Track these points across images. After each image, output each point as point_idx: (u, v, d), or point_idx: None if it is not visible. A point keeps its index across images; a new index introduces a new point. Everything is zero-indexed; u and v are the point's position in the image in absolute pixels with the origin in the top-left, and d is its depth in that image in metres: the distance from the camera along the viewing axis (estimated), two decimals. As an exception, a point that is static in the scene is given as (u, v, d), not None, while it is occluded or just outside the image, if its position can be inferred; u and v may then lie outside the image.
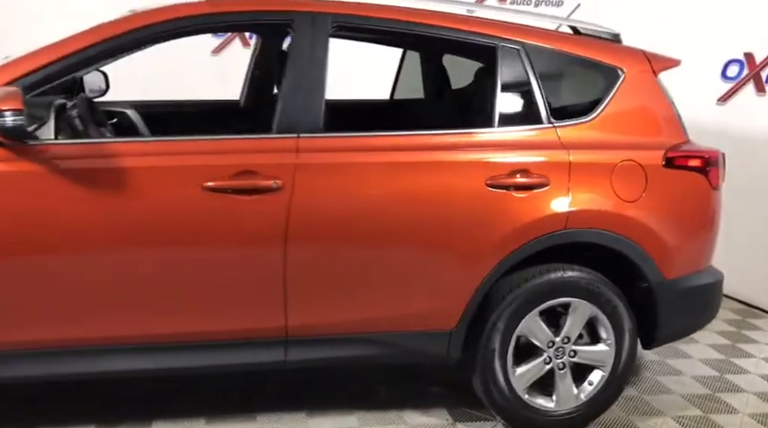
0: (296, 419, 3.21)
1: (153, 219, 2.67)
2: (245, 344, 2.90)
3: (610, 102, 3.21)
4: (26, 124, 2.42)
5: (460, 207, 2.96)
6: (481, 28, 3.13)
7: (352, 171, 2.87)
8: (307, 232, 2.80)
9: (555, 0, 6.33)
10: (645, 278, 3.21)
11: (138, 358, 2.79)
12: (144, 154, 2.69)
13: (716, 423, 3.51)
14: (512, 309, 3.08)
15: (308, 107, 2.83)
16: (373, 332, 3.00)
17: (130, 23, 2.74)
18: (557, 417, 3.25)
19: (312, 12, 2.91)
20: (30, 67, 2.63)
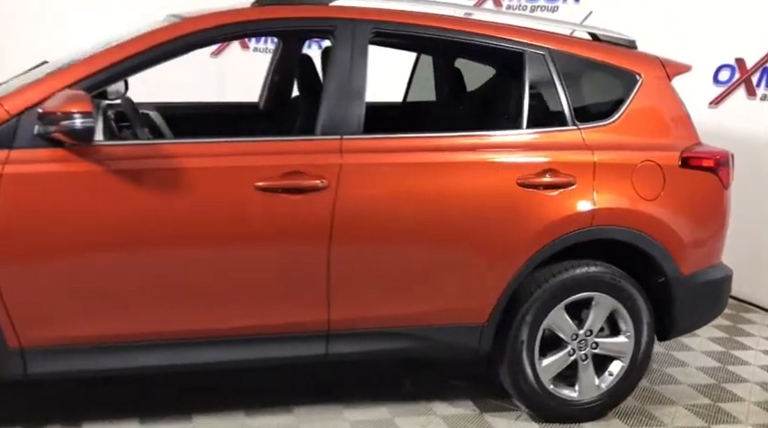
0: (331, 410, 3.32)
1: (209, 219, 2.76)
2: (289, 338, 2.99)
3: (629, 105, 3.37)
4: (95, 126, 2.49)
5: (494, 205, 3.09)
6: (510, 34, 3.27)
7: (392, 171, 2.98)
8: (350, 229, 2.91)
9: (551, 6, 6.51)
10: (663, 273, 3.37)
11: (191, 352, 2.88)
12: (200, 154, 2.77)
13: (724, 410, 3.69)
14: (539, 303, 3.22)
15: (350, 110, 2.94)
16: (409, 326, 3.12)
17: (183, 28, 2.83)
18: (579, 406, 3.40)
19: (353, 18, 3.02)
20: (88, 71, 2.70)
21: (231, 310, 2.89)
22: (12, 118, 2.59)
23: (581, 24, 3.66)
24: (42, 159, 2.59)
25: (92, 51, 2.86)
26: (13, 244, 2.58)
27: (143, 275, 2.74)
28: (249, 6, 3.01)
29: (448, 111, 3.78)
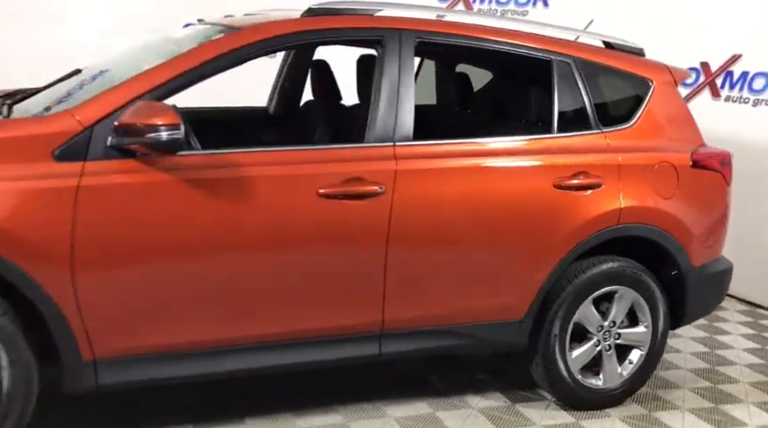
0: (374, 409, 3.42)
1: (275, 226, 2.82)
2: (346, 340, 3.08)
3: (644, 109, 3.60)
4: (183, 138, 2.52)
5: (533, 207, 3.26)
6: (540, 43, 3.44)
7: (441, 176, 3.11)
8: (405, 233, 3.02)
9: (520, 10, 6.74)
10: (677, 266, 3.61)
11: (255, 357, 2.93)
12: (266, 163, 2.83)
13: (725, 391, 3.98)
14: (571, 298, 3.41)
15: (400, 117, 3.05)
16: (455, 324, 3.26)
17: (245, 38, 2.87)
18: (605, 394, 3.61)
19: (399, 29, 3.13)
20: (155, 82, 2.71)
21: (294, 314, 2.96)
22: (84, 130, 2.59)
23: (584, 31, 3.84)
24: (116, 170, 2.60)
25: (128, 59, 2.88)
26: (91, 255, 2.57)
27: (213, 283, 2.78)
28: (300, 17, 3.07)
29: (484, 116, 3.89)
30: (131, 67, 3.00)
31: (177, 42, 3.24)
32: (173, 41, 3.31)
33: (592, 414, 3.59)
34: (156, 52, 3.31)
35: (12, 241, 2.45)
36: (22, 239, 2.47)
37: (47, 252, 2.51)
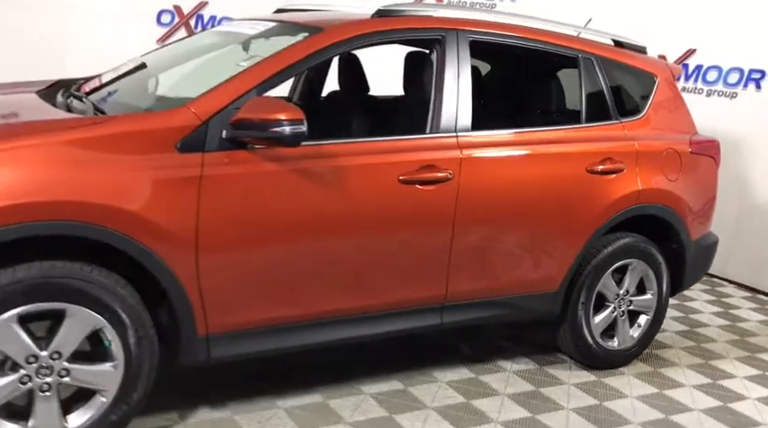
0: (426, 374, 3.76)
1: (366, 210, 3.10)
2: (414, 312, 3.41)
3: (652, 102, 4.06)
4: (306, 131, 2.77)
5: (570, 189, 3.66)
6: (567, 42, 3.83)
7: (496, 162, 3.47)
8: (468, 214, 3.36)
9: (489, 3, 7.14)
10: (679, 240, 4.10)
11: (343, 329, 3.22)
12: (357, 153, 3.10)
13: (709, 349, 4.55)
14: (595, 270, 3.84)
15: (461, 109, 3.38)
16: (504, 295, 3.64)
17: (330, 38, 3.13)
18: (619, 354, 4.07)
19: (457, 29, 3.45)
20: (260, 78, 2.94)
21: (376, 290, 3.25)
22: (202, 124, 2.80)
23: (584, 27, 4.22)
24: (232, 161, 2.82)
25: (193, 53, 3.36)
26: (212, 239, 2.79)
27: (314, 262, 3.04)
28: (371, 18, 3.34)
29: (523, 108, 4.22)
30: (203, 63, 3.25)
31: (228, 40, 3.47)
32: (230, 38, 3.53)
33: (609, 373, 4.04)
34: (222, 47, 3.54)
35: (143, 225, 2.64)
36: (153, 224, 2.67)
37: (174, 235, 2.71)
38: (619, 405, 3.69)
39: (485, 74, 3.93)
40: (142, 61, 3.61)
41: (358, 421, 3.27)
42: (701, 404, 3.79)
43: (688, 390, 3.94)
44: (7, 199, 2.41)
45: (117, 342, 2.70)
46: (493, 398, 3.60)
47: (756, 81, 5.83)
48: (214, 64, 3.53)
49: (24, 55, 6.32)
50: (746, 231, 5.82)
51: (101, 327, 2.67)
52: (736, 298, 5.67)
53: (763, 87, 5.81)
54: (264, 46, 3.38)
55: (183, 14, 7.04)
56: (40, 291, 2.53)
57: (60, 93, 3.35)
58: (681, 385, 3.99)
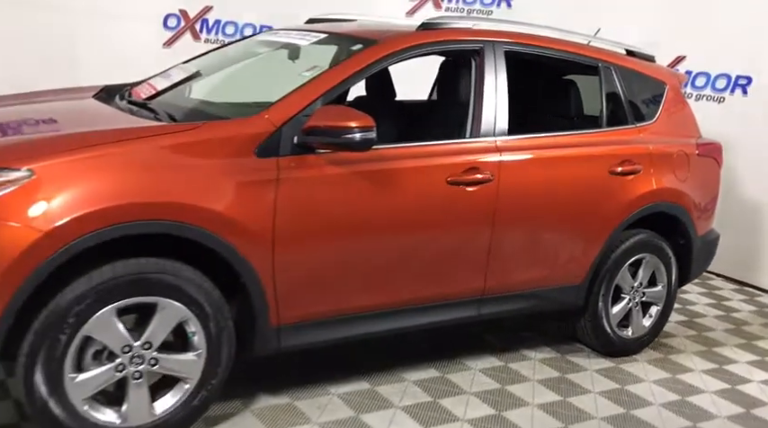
0: (462, 364, 4.02)
1: (420, 209, 3.36)
2: (455, 304, 3.67)
3: (662, 108, 4.37)
4: (375, 137, 3.01)
5: (595, 189, 3.95)
6: (588, 52, 4.12)
7: (531, 164, 3.74)
8: (506, 213, 3.63)
9: (485, 10, 7.42)
10: (687, 236, 4.42)
11: (398, 319, 3.47)
12: (412, 156, 3.35)
13: (710, 337, 4.88)
14: (614, 264, 4.14)
15: (499, 115, 3.65)
16: (535, 288, 3.91)
17: (386, 49, 3.36)
18: (633, 342, 4.38)
19: (494, 40, 3.72)
20: (325, 87, 3.17)
21: (426, 282, 3.51)
22: (276, 130, 3.02)
23: (594, 36, 4.51)
24: (304, 165, 3.04)
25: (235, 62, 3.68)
26: (286, 236, 3.02)
27: (374, 257, 3.28)
28: (417, 30, 3.59)
29: (551, 113, 4.45)
30: (260, 71, 3.48)
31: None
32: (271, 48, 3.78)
33: (624, 360, 4.35)
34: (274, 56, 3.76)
35: (229, 225, 2.86)
36: (237, 223, 2.88)
37: (254, 233, 2.94)
38: (639, 388, 3.99)
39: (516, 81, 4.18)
40: (196, 69, 3.80)
41: (407, 405, 3.51)
42: (711, 386, 4.11)
43: (698, 375, 4.26)
44: (115, 199, 2.61)
45: (200, 333, 2.91)
46: (525, 384, 3.88)
47: (743, 87, 6.20)
48: (272, 72, 3.74)
49: (35, 57, 6.44)
50: (733, 227, 6.16)
51: (186, 319, 2.87)
52: (725, 290, 6.03)
53: (749, 92, 6.17)
54: (320, 56, 3.59)
55: (189, 18, 7.22)
56: (136, 286, 2.73)
57: (119, 98, 3.53)
58: (691, 370, 4.31)
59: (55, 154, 2.62)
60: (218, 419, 3.20)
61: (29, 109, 3.48)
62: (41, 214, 2.51)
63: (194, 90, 3.74)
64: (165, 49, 7.28)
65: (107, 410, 2.81)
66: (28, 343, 2.60)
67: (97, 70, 6.66)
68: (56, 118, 3.23)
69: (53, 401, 2.66)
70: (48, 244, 2.51)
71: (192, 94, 3.72)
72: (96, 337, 2.71)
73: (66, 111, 3.44)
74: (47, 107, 3.53)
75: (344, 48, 3.59)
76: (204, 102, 3.60)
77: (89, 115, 3.31)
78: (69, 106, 3.53)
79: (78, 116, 3.32)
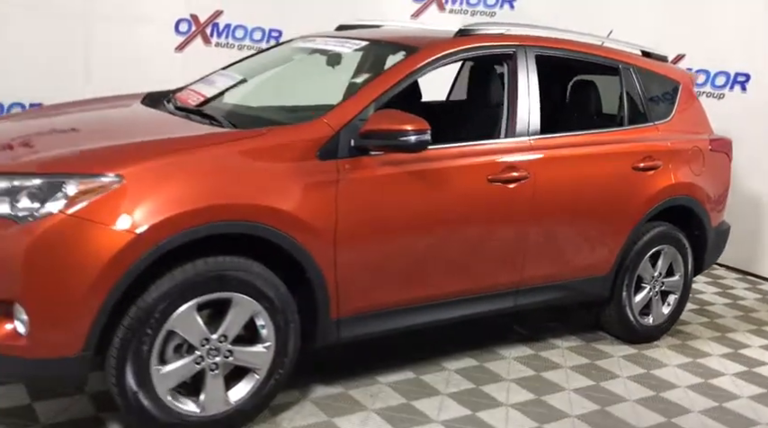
0: (495, 352, 4.23)
1: (465, 206, 3.56)
2: (493, 296, 3.88)
3: (677, 106, 4.61)
4: (430, 139, 3.21)
5: (621, 184, 4.18)
6: (610, 54, 4.35)
7: (562, 161, 3.95)
8: (541, 208, 3.84)
9: (489, 11, 7.64)
10: (702, 227, 4.66)
11: (445, 311, 3.67)
12: (456, 156, 3.55)
13: (720, 324, 5.13)
14: (636, 255, 4.37)
15: (531, 116, 3.87)
16: (567, 280, 4.13)
17: (429, 54, 3.56)
18: (653, 329, 4.62)
19: (525, 45, 3.94)
20: (377, 92, 3.36)
21: (470, 276, 3.71)
22: (335, 134, 3.21)
23: (607, 37, 4.73)
24: (361, 166, 3.23)
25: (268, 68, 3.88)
26: (347, 234, 3.21)
27: (423, 253, 3.48)
28: (455, 37, 3.79)
29: (575, 113, 4.67)
30: (307, 77, 3.67)
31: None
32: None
33: (646, 346, 4.58)
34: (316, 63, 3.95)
35: (297, 224, 3.04)
36: (304, 222, 3.07)
37: (319, 232, 3.12)
38: (664, 372, 4.22)
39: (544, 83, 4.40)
40: (240, 75, 3.97)
41: (453, 392, 3.72)
42: (730, 369, 4.36)
43: (716, 359, 4.50)
44: (200, 201, 2.79)
45: (269, 325, 3.09)
46: (558, 371, 4.10)
47: (742, 83, 6.47)
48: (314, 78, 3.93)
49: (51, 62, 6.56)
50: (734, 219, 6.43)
51: (257, 313, 3.05)
52: (729, 279, 6.30)
53: (748, 89, 6.44)
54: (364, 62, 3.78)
55: (200, 23, 7.36)
56: (215, 283, 2.91)
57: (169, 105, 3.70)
58: (708, 354, 4.56)
59: (142, 160, 2.79)
60: (282, 408, 3.37)
61: (84, 117, 3.65)
62: (133, 217, 2.68)
63: (241, 96, 3.90)
64: (177, 54, 7.42)
65: (187, 400, 2.98)
66: (118, 338, 2.76)
67: (112, 75, 6.80)
68: (121, 125, 3.41)
69: (142, 392, 2.82)
70: (139, 244, 2.68)
71: (241, 100, 3.88)
72: (178, 332, 2.87)
73: (125, 118, 3.61)
74: (103, 115, 3.69)
75: (386, 54, 3.77)
76: (258, 108, 3.78)
77: (152, 122, 3.47)
78: (126, 113, 3.69)
79: (142, 123, 3.48)
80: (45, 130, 3.42)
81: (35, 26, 6.41)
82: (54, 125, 3.48)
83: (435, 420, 3.42)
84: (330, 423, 3.31)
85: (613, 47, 4.45)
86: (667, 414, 3.71)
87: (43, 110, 3.82)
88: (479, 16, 7.57)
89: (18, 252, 2.61)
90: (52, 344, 2.66)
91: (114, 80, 6.74)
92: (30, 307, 2.62)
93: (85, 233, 2.64)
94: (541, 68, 3.96)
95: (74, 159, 2.79)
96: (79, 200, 2.65)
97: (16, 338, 2.67)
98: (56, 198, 2.67)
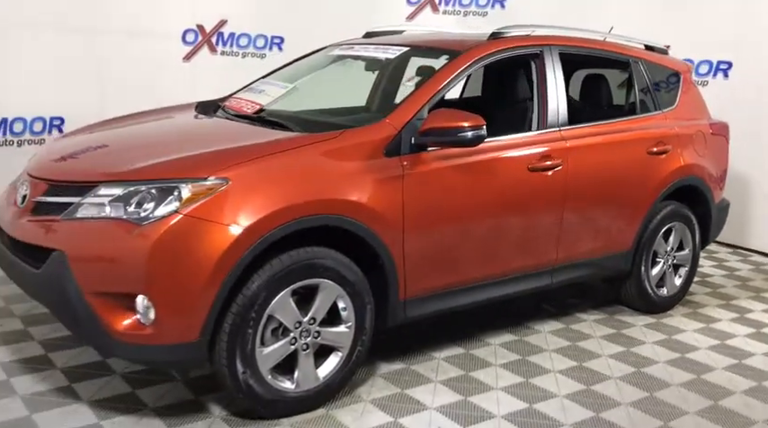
0: (531, 328, 4.62)
1: (509, 192, 3.93)
2: (532, 275, 4.26)
3: (680, 95, 5.04)
4: (485, 134, 3.57)
5: (639, 168, 4.59)
6: (620, 49, 4.77)
7: (589, 149, 4.34)
8: (574, 192, 4.22)
9: (481, 11, 8.04)
10: (707, 204, 5.11)
11: (495, 289, 4.04)
12: (500, 148, 3.91)
13: (725, 293, 5.58)
14: (653, 232, 4.79)
15: (560, 109, 4.26)
16: (595, 257, 4.53)
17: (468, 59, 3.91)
18: (668, 299, 5.05)
19: (550, 44, 4.33)
20: (430, 94, 3.72)
21: (515, 256, 4.09)
22: (398, 133, 3.56)
23: (609, 33, 5.13)
24: (419, 161, 3.58)
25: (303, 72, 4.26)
26: (413, 223, 3.56)
27: (477, 237, 3.84)
28: (488, 40, 4.16)
29: (586, 104, 5.02)
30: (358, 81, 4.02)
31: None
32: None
33: (662, 316, 5.01)
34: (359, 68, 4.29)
35: (373, 216, 3.39)
36: (378, 214, 3.41)
37: (390, 222, 3.46)
38: (684, 337, 4.65)
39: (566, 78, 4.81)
40: (287, 82, 4.29)
41: (503, 363, 4.09)
42: (740, 332, 4.80)
43: (726, 323, 4.95)
44: (296, 198, 3.13)
45: (350, 307, 3.43)
46: (591, 340, 4.50)
47: (724, 71, 6.95)
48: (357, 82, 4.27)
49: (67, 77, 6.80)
50: (724, 197, 6.95)
51: (339, 296, 3.39)
52: (722, 253, 6.78)
53: (730, 76, 6.92)
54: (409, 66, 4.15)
55: (206, 33, 7.65)
56: (305, 271, 3.24)
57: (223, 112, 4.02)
58: (719, 320, 5.00)
59: (243, 163, 3.11)
60: (356, 384, 3.71)
61: (158, 127, 3.96)
62: (240, 213, 3.01)
63: (296, 102, 4.22)
64: (185, 63, 7.70)
65: (284, 379, 3.31)
66: (228, 324, 3.08)
67: (126, 86, 7.07)
68: (201, 133, 3.74)
69: (248, 373, 3.15)
70: (248, 238, 3.00)
71: (297, 106, 4.21)
72: (277, 316, 3.20)
73: (200, 127, 3.93)
74: (174, 124, 4.01)
75: (431, 59, 4.13)
76: (317, 112, 4.11)
77: (227, 130, 3.78)
78: (197, 123, 4.00)
79: (220, 131, 3.79)
80: (127, 141, 3.71)
81: (50, 43, 6.64)
82: (133, 136, 3.78)
83: (495, 387, 3.79)
84: (404, 394, 3.65)
85: (620, 42, 4.84)
86: (696, 372, 4.13)
87: (107, 123, 4.10)
88: (472, 16, 7.96)
89: (142, 250, 2.91)
90: (176, 331, 2.98)
91: (128, 91, 7.03)
92: (156, 298, 2.92)
93: (201, 230, 2.95)
94: (565, 65, 4.32)
95: (184, 165, 3.10)
96: (193, 202, 2.97)
97: (141, 328, 2.98)
98: (170, 200, 2.98)
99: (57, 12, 6.57)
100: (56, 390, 3.48)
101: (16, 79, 6.43)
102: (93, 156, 3.43)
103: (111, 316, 2.96)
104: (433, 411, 3.50)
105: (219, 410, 3.38)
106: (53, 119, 6.79)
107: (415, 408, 3.51)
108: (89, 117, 6.63)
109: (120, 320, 2.97)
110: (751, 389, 3.95)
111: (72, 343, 3.97)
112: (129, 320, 2.99)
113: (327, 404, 3.48)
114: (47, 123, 6.76)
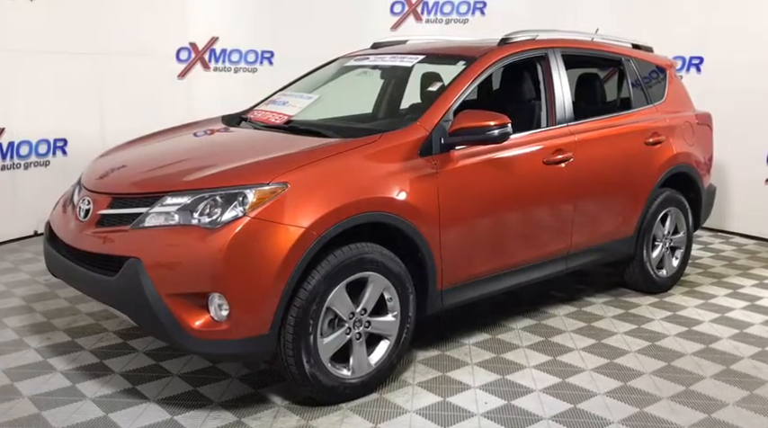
0: (548, 313, 4.95)
1: (528, 185, 4.24)
2: (549, 261, 4.58)
3: (668, 89, 5.43)
4: (511, 131, 3.88)
5: (639, 158, 4.94)
6: (614, 50, 5.13)
7: (595, 142, 4.67)
8: (584, 183, 4.55)
9: (462, 18, 8.38)
10: (697, 189, 5.49)
11: (521, 276, 4.34)
12: (520, 144, 4.22)
13: (719, 273, 5.97)
14: (652, 217, 5.15)
15: (566, 105, 4.60)
16: (604, 242, 4.87)
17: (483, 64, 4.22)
18: (666, 280, 5.41)
19: (554, 47, 4.67)
20: (454, 95, 4.01)
21: (536, 245, 4.39)
22: (429, 134, 3.85)
23: (596, 33, 5.50)
24: (449, 159, 3.87)
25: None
26: (448, 217, 3.84)
27: (507, 226, 4.14)
28: (499, 45, 4.48)
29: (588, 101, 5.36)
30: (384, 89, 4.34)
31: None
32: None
33: (663, 295, 5.36)
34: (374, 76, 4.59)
35: (413, 212, 3.67)
36: (417, 210, 3.69)
37: (428, 217, 3.74)
38: (687, 312, 5.01)
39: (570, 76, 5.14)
40: (310, 93, 4.56)
41: (529, 344, 4.40)
42: (737, 305, 5.18)
43: (723, 298, 5.32)
44: (349, 197, 3.40)
45: (395, 298, 3.70)
46: (604, 320, 4.83)
47: (696, 65, 7.38)
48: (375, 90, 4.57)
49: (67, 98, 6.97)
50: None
51: (386, 288, 3.66)
52: (705, 237, 7.19)
53: (702, 70, 7.35)
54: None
55: (199, 50, 7.87)
56: (357, 265, 3.50)
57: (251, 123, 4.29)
58: (715, 296, 5.38)
59: (299, 168, 3.37)
60: (400, 370, 3.98)
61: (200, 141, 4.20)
62: (301, 214, 3.27)
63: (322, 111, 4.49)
64: (181, 80, 7.91)
65: (341, 366, 3.57)
66: (293, 317, 3.33)
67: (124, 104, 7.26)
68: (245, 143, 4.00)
69: (312, 362, 3.40)
70: (309, 236, 3.26)
71: (325, 114, 4.48)
72: (333, 308, 3.46)
73: (239, 137, 4.17)
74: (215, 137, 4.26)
75: (449, 65, 4.43)
76: (343, 119, 4.39)
77: (266, 139, 4.02)
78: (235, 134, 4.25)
79: (260, 141, 4.03)
80: (175, 155, 3.93)
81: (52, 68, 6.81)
82: (179, 150, 4.01)
83: (527, 366, 4.09)
84: (446, 376, 3.93)
85: (611, 42, 5.21)
86: (704, 342, 4.48)
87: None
88: (453, 24, 8.29)
89: (217, 252, 3.15)
90: (249, 326, 3.22)
91: (127, 111, 7.22)
92: (231, 296, 3.16)
93: (268, 231, 3.21)
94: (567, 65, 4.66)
95: (246, 173, 3.36)
96: (258, 205, 3.22)
97: (216, 324, 3.21)
98: (234, 205, 3.23)
99: (59, 38, 6.74)
100: (122, 392, 3.68)
101: (22, 104, 6.58)
102: (152, 170, 3.66)
103: (187, 315, 3.19)
104: (477, 390, 3.78)
105: (281, 400, 3.62)
106: (56, 140, 6.93)
107: (460, 388, 3.79)
108: (91, 137, 6.86)
109: (196, 318, 3.20)
110: (757, 354, 4.30)
111: (122, 350, 4.17)
112: (204, 318, 3.21)
113: (379, 388, 3.73)
114: (51, 145, 6.90)
